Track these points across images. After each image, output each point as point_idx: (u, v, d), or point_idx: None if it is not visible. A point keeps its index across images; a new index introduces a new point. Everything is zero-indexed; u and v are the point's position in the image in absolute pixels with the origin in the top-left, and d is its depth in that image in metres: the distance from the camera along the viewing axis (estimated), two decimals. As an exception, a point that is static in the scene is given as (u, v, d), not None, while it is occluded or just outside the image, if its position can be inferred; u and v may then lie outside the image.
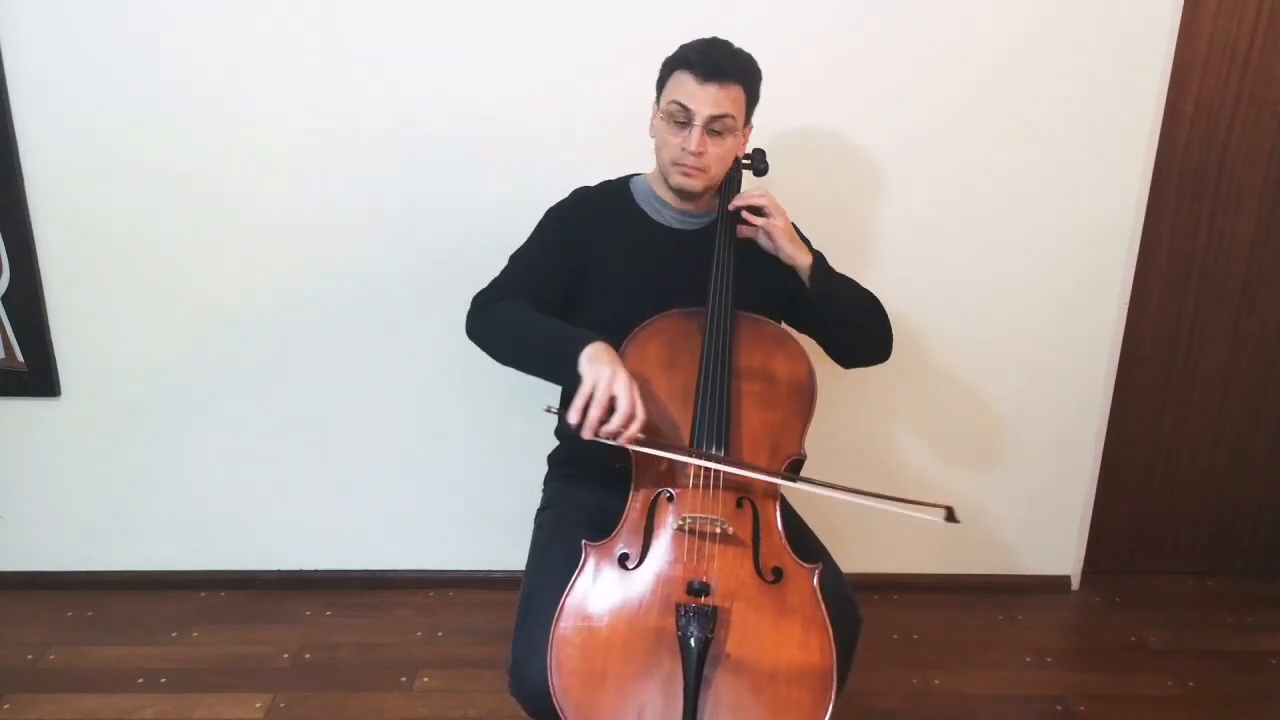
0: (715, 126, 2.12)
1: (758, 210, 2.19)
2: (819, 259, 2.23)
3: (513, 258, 2.31)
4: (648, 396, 2.03)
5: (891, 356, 2.36)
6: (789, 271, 2.23)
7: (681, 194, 2.23)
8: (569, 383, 1.94)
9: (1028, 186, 2.98)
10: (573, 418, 1.89)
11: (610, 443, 1.90)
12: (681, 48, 2.16)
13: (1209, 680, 2.95)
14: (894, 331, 2.33)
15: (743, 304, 2.15)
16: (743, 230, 2.21)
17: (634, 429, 1.88)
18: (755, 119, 2.25)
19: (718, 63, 2.09)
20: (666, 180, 2.22)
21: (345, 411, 3.13)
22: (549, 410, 2.00)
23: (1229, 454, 3.38)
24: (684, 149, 2.12)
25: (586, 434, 1.88)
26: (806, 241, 2.28)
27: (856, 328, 2.29)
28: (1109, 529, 3.43)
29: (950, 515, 1.98)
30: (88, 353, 3.04)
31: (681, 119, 2.11)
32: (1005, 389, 3.17)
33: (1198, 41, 2.95)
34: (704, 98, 2.09)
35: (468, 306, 2.21)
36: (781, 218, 2.19)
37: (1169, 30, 2.87)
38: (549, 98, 2.85)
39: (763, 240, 2.21)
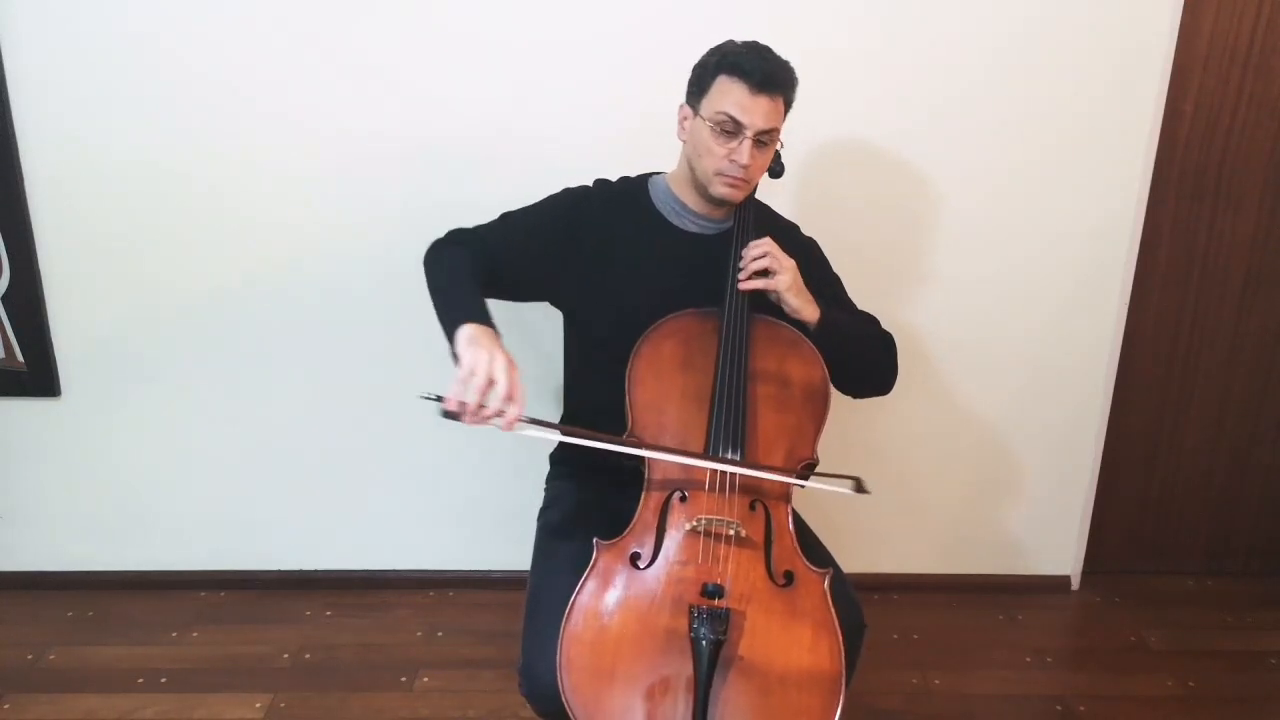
0: (763, 139, 2.10)
1: (764, 272, 2.14)
2: (825, 315, 2.17)
3: (505, 214, 2.30)
4: (663, 396, 2.04)
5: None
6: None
7: (718, 203, 2.20)
8: (453, 357, 1.90)
9: (1028, 186, 2.98)
10: (450, 404, 1.83)
11: (492, 426, 1.85)
12: (725, 51, 2.11)
13: (1209, 680, 2.96)
14: (895, 330, 2.32)
15: (759, 307, 2.15)
16: (748, 285, 2.14)
17: (513, 412, 1.83)
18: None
19: (772, 73, 2.06)
20: (706, 189, 2.17)
21: (346, 411, 3.13)
22: (425, 398, 1.91)
23: (1229, 454, 3.39)
24: (732, 160, 2.09)
25: (467, 420, 1.84)
26: (826, 264, 2.30)
27: (856, 372, 2.27)
28: (1109, 529, 3.44)
29: (859, 486, 1.97)
30: (88, 353, 3.03)
31: (731, 129, 2.08)
32: (1006, 389, 3.18)
33: (1198, 41, 2.95)
34: (757, 110, 2.06)
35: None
36: (788, 273, 2.13)
37: (1169, 30, 2.87)
38: (551, 102, 2.84)
39: (772, 296, 2.15)
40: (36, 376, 3.03)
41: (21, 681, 2.84)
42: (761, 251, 2.13)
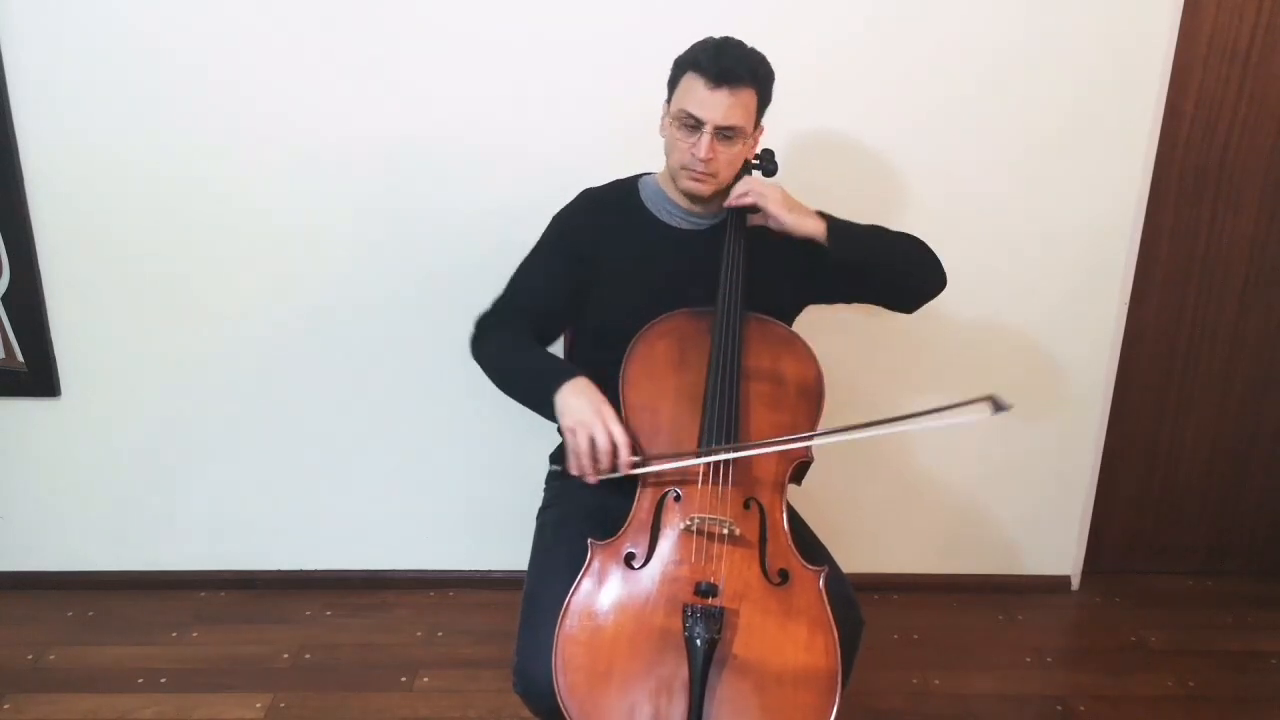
0: (726, 133, 2.10)
1: (750, 208, 2.18)
2: (833, 220, 2.18)
3: (518, 270, 2.33)
4: (657, 397, 2.06)
5: (892, 351, 2.34)
6: (804, 256, 2.20)
7: (690, 197, 2.22)
8: (556, 422, 2.02)
9: (1028, 186, 2.98)
10: (573, 470, 1.97)
11: (616, 475, 1.97)
12: (693, 48, 2.14)
13: (1209, 680, 2.96)
14: (897, 330, 2.31)
15: (754, 305, 2.16)
16: (754, 219, 2.20)
17: (625, 457, 1.94)
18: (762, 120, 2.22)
19: (729, 67, 2.06)
20: (675, 183, 2.21)
21: (345, 411, 3.13)
22: (553, 467, 2.11)
23: (1229, 454, 3.38)
24: (693, 154, 2.11)
25: (591, 480, 1.96)
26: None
27: (899, 269, 2.29)
28: (1109, 529, 3.44)
29: (996, 404, 2.03)
30: (88, 353, 3.04)
31: (692, 124, 2.10)
32: (1006, 388, 3.15)
33: (1198, 41, 2.95)
34: (714, 105, 2.07)
35: (470, 319, 2.21)
36: (774, 191, 2.16)
37: (1169, 30, 2.87)
38: (550, 103, 2.85)
39: (772, 223, 2.17)
40: (36, 376, 3.03)
41: (21, 681, 2.84)
42: (743, 189, 2.18)
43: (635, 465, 1.96)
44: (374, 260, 2.97)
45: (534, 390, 2.08)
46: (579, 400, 1.98)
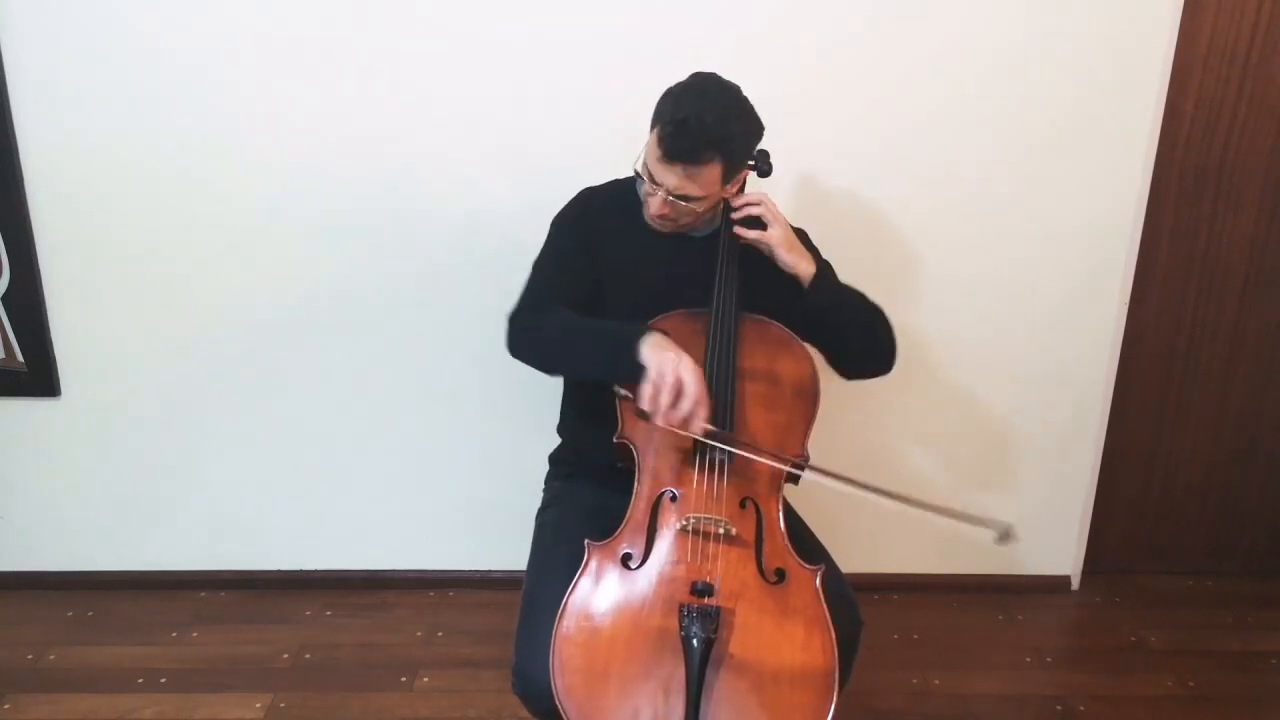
0: (681, 198, 2.08)
1: (754, 220, 2.17)
2: (821, 270, 2.19)
3: (535, 267, 2.29)
4: None
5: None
6: (791, 277, 2.20)
7: None
8: (628, 375, 1.94)
9: (1028, 186, 2.98)
10: (645, 404, 1.90)
11: (682, 432, 1.92)
12: (668, 99, 2.09)
13: (1209, 680, 2.95)
14: (896, 330, 2.31)
15: (748, 306, 2.15)
16: (744, 237, 2.18)
17: (704, 414, 1.90)
18: (761, 118, 2.17)
19: (685, 148, 2.01)
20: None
21: (345, 411, 3.13)
22: (618, 394, 2.02)
23: (1229, 454, 3.38)
24: (647, 202, 2.12)
25: (659, 421, 1.90)
26: (815, 251, 2.27)
27: (854, 339, 2.26)
28: (1109, 529, 3.43)
29: (1005, 536, 1.98)
30: (88, 353, 3.04)
31: (651, 179, 2.09)
32: (1005, 389, 3.17)
33: (1198, 41, 2.95)
34: (668, 176, 2.05)
35: (471, 318, 2.18)
36: (779, 228, 2.16)
37: (1169, 30, 2.87)
38: (550, 103, 2.84)
39: (763, 248, 2.18)
40: (36, 376, 3.03)
41: (21, 681, 2.84)
42: (758, 198, 2.17)
43: (709, 434, 1.93)
44: (374, 260, 2.97)
45: (613, 345, 1.99)
46: (675, 349, 1.93)
